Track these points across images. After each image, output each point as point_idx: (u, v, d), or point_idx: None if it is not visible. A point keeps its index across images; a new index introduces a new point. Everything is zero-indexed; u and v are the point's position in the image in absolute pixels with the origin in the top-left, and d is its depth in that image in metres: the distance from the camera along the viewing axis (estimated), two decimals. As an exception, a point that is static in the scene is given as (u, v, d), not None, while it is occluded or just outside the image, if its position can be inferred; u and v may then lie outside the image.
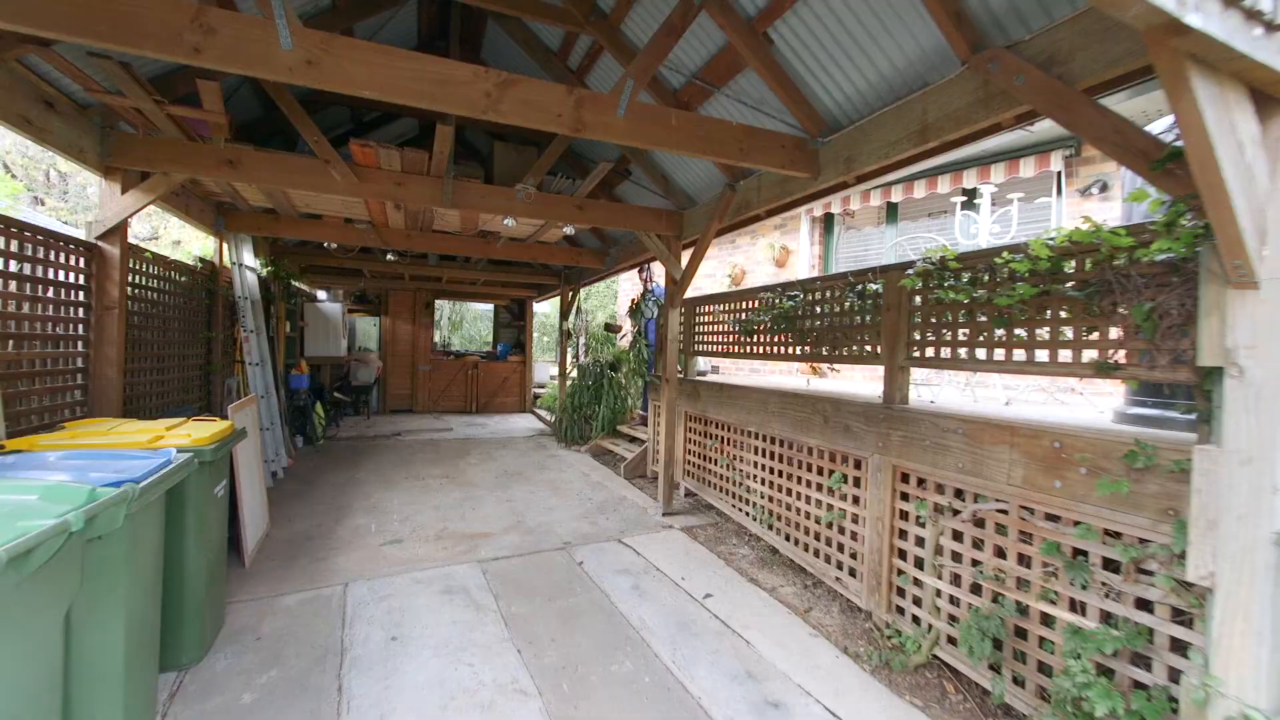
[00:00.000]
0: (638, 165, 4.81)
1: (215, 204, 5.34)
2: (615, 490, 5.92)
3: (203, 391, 5.34)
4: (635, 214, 4.83)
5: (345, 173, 3.85)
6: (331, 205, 5.20)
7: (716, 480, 5.01)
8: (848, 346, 3.53)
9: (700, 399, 5.22)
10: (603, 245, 7.12)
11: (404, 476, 6.21)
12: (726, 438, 4.82)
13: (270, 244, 7.28)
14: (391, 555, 4.03)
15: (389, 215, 5.37)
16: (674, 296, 4.96)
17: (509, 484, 6.04)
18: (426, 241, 6.23)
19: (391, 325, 10.86)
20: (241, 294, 5.52)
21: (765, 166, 3.18)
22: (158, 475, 2.08)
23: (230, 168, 3.66)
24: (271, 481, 5.61)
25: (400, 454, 7.36)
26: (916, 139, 2.68)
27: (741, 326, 4.53)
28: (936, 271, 2.87)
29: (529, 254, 6.79)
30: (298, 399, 7.49)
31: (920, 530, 2.91)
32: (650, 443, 6.40)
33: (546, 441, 8.54)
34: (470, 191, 4.28)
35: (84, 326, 3.44)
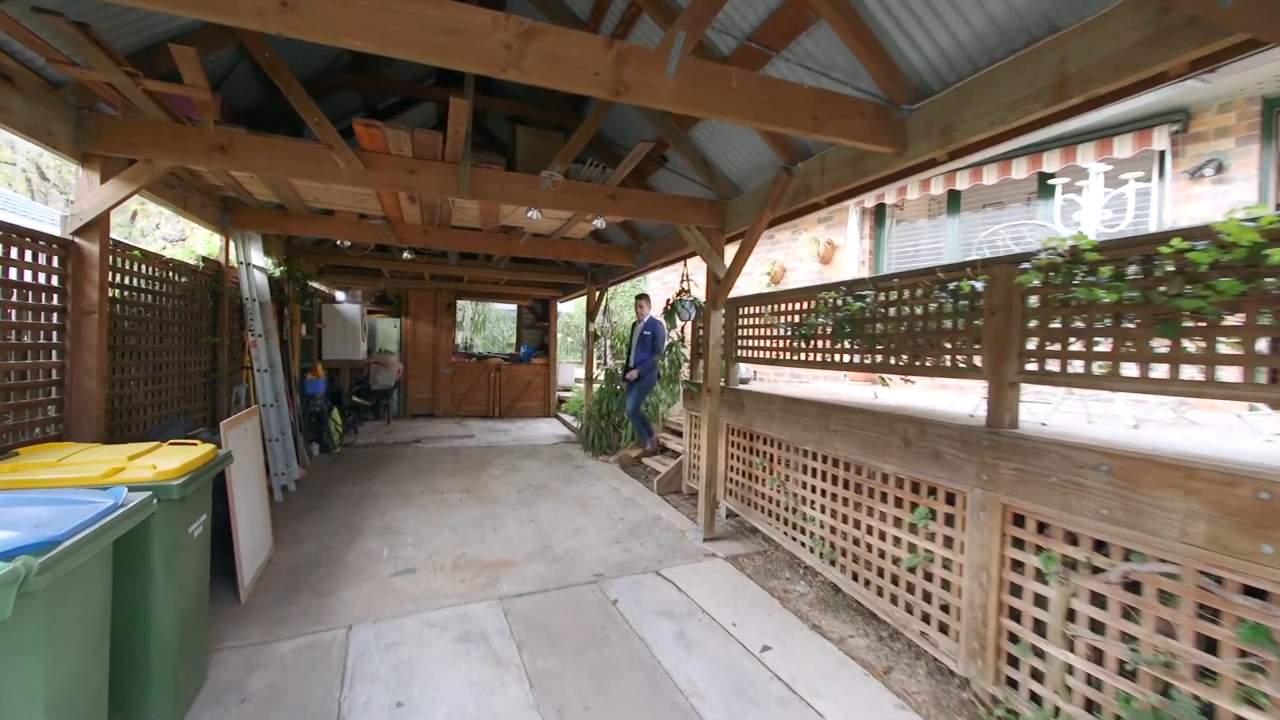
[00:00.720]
0: (676, 149, 4.28)
1: (220, 199, 4.98)
2: (648, 508, 5.41)
3: (208, 401, 4.99)
4: (673, 204, 4.31)
5: (350, 159, 3.40)
6: (341, 199, 4.79)
7: (764, 503, 4.46)
8: (933, 356, 2.95)
9: (744, 411, 4.68)
10: (633, 241, 6.61)
11: (421, 490, 5.79)
12: (776, 455, 4.27)
13: (285, 243, 6.95)
14: (403, 589, 3.58)
15: (404, 209, 4.94)
16: (716, 296, 4.43)
17: (533, 499, 5.58)
18: (445, 238, 5.79)
19: (412, 327, 10.52)
20: (249, 295, 5.15)
21: (842, 139, 2.62)
22: (91, 530, 1.64)
23: (221, 154, 3.24)
24: (281, 496, 5.24)
25: (419, 464, 6.96)
26: (1051, 96, 2.10)
27: (796, 331, 3.97)
28: (1065, 265, 2.30)
29: (554, 251, 6.31)
30: (313, 405, 7.15)
31: (1043, 588, 2.34)
32: (686, 456, 5.87)
33: (572, 450, 8.07)
34: (490, 180, 3.81)
35: (59, 334, 3.05)
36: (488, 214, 4.99)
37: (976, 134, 2.42)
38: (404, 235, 5.62)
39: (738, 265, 4.14)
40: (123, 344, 3.66)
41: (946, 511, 2.81)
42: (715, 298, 4.43)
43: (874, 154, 2.89)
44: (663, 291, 10.29)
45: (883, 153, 2.79)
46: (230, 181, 4.33)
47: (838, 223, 6.77)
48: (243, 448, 3.64)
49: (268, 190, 4.51)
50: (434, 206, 4.87)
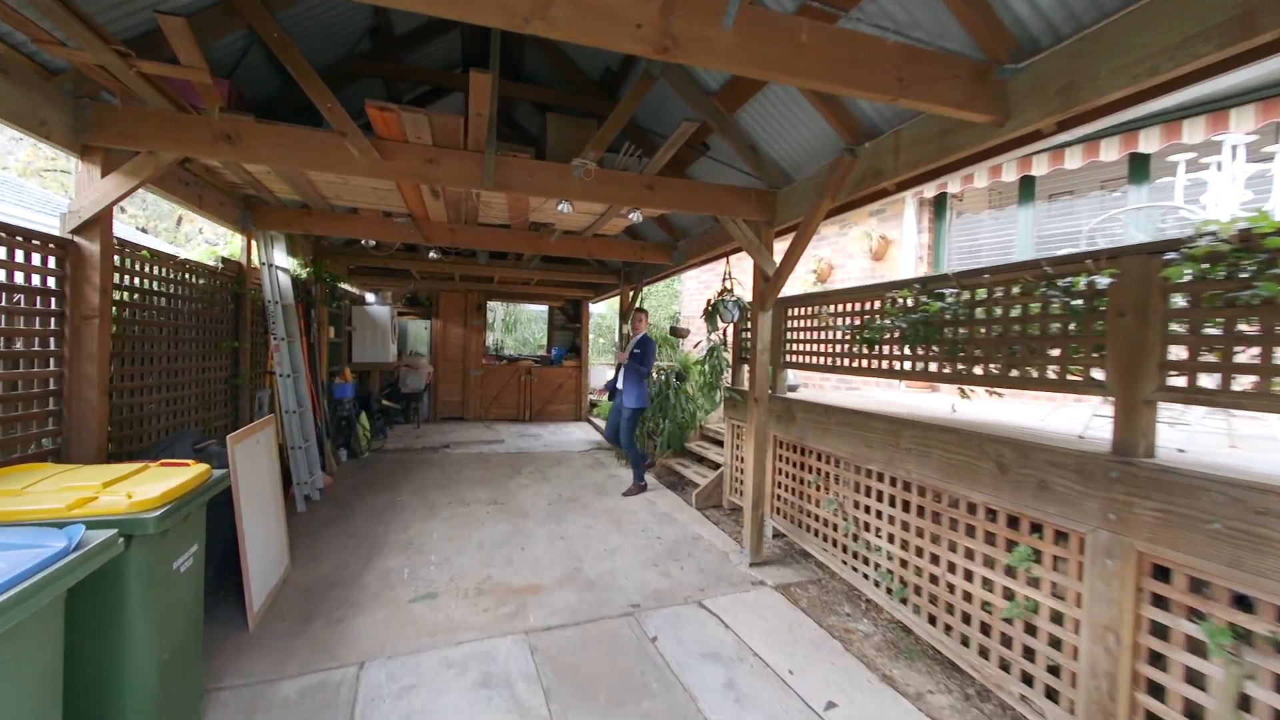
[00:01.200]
0: (720, 134, 3.87)
1: (242, 199, 4.79)
2: (687, 525, 5.01)
3: (229, 408, 4.81)
4: (717, 195, 3.90)
5: (365, 148, 3.11)
6: (364, 195, 4.54)
7: (818, 525, 4.01)
8: (1035, 366, 2.47)
9: (795, 422, 4.23)
10: (669, 238, 6.21)
11: (448, 501, 5.52)
12: (833, 474, 3.82)
13: (313, 243, 6.80)
14: (421, 618, 3.27)
15: (428, 205, 4.66)
16: (765, 296, 4.00)
17: (563, 513, 5.24)
18: (472, 236, 5.51)
19: (442, 328, 10.35)
20: (271, 298, 4.95)
21: (931, 105, 2.18)
22: (26, 585, 1.34)
23: (228, 144, 2.98)
24: (303, 506, 5.03)
25: (447, 471, 6.71)
26: (1228, 33, 1.62)
27: (857, 334, 3.52)
28: (1231, 254, 1.81)
29: (586, 249, 5.97)
30: (341, 410, 6.98)
31: (1201, 662, 1.85)
32: (728, 469, 5.45)
33: (605, 458, 7.73)
34: (517, 170, 3.47)
35: (57, 340, 2.84)
36: (516, 209, 4.67)
37: (1110, 92, 1.94)
38: (429, 234, 5.36)
39: (790, 261, 3.70)
40: (131, 350, 3.45)
41: (1056, 554, 2.33)
42: (764, 297, 4.00)
43: (965, 126, 2.43)
44: (698, 291, 9.87)
45: (978, 123, 2.32)
46: (248, 178, 4.11)
47: (892, 215, 6.24)
48: (254, 461, 3.40)
49: (287, 187, 4.29)
50: (459, 202, 4.57)
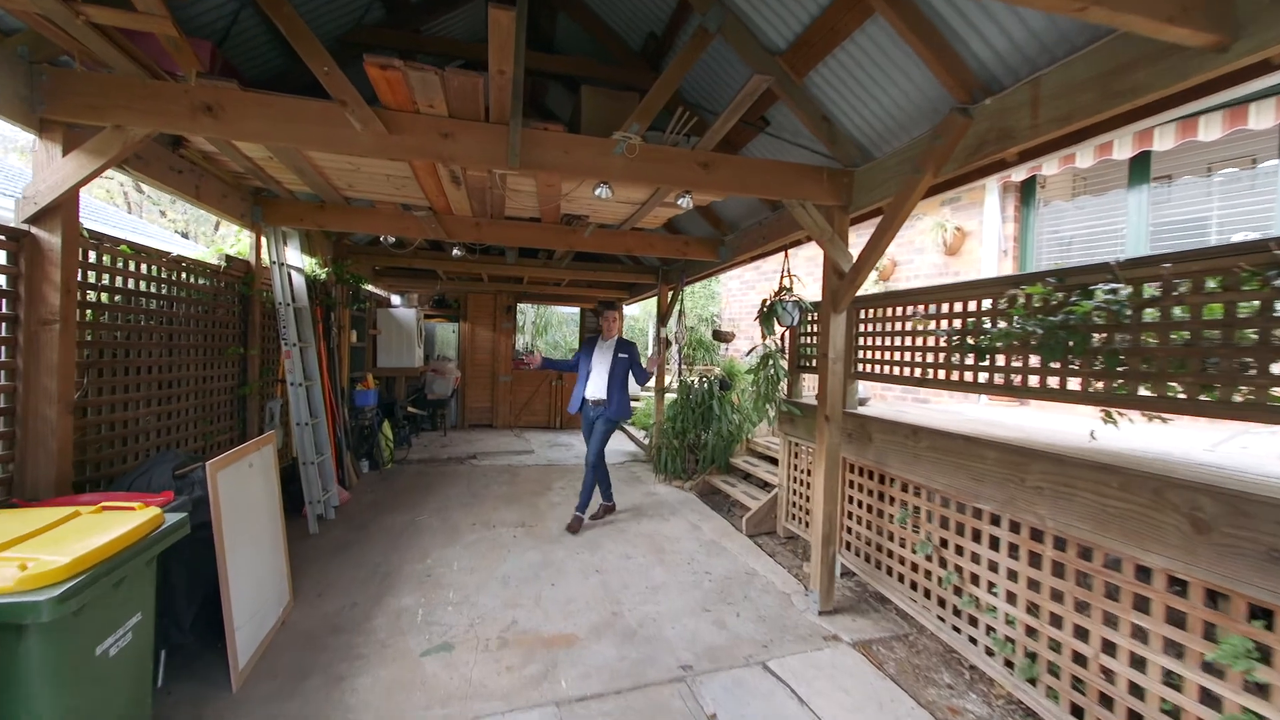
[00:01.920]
0: (787, 100, 3.25)
1: (252, 192, 4.39)
2: (738, 556, 4.39)
3: (236, 420, 4.40)
4: (783, 174, 3.28)
5: (368, 118, 2.61)
6: (378, 185, 4.08)
7: (902, 569, 3.36)
8: (1248, 385, 1.80)
9: (871, 444, 3.59)
10: (715, 232, 5.61)
11: (471, 522, 5.02)
12: (926, 510, 3.17)
13: (334, 242, 6.43)
14: (433, 679, 2.74)
15: (449, 196, 4.17)
16: (839, 295, 3.36)
17: (598, 539, 4.68)
18: (498, 232, 5.01)
19: (470, 331, 9.95)
20: (282, 299, 4.54)
21: (1130, 19, 1.54)
22: None
23: (209, 116, 2.52)
24: (315, 527, 4.59)
25: (472, 486, 6.23)
26: None
27: (961, 342, 2.86)
28: None
29: (623, 245, 5.41)
30: (363, 418, 6.59)
31: None
32: (783, 491, 4.81)
33: (641, 471, 7.15)
34: (548, 146, 2.92)
35: (8, 350, 2.41)
36: (547, 198, 4.14)
37: None
38: (452, 229, 4.88)
39: (873, 252, 3.06)
40: (112, 360, 3.03)
41: (1299, 654, 1.65)
42: (838, 296, 3.37)
43: (1149, 59, 1.77)
44: (740, 292, 9.22)
45: (1186, 47, 1.66)
46: (249, 165, 3.68)
47: (968, 204, 5.50)
48: (246, 488, 2.93)
49: (294, 176, 3.85)
50: (483, 191, 4.07)
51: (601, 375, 4.88)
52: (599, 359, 4.94)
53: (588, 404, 4.97)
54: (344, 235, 6.50)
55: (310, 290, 5.63)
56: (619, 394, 4.91)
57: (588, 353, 5.01)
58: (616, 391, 4.88)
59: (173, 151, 3.37)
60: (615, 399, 4.89)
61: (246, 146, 3.39)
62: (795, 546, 4.67)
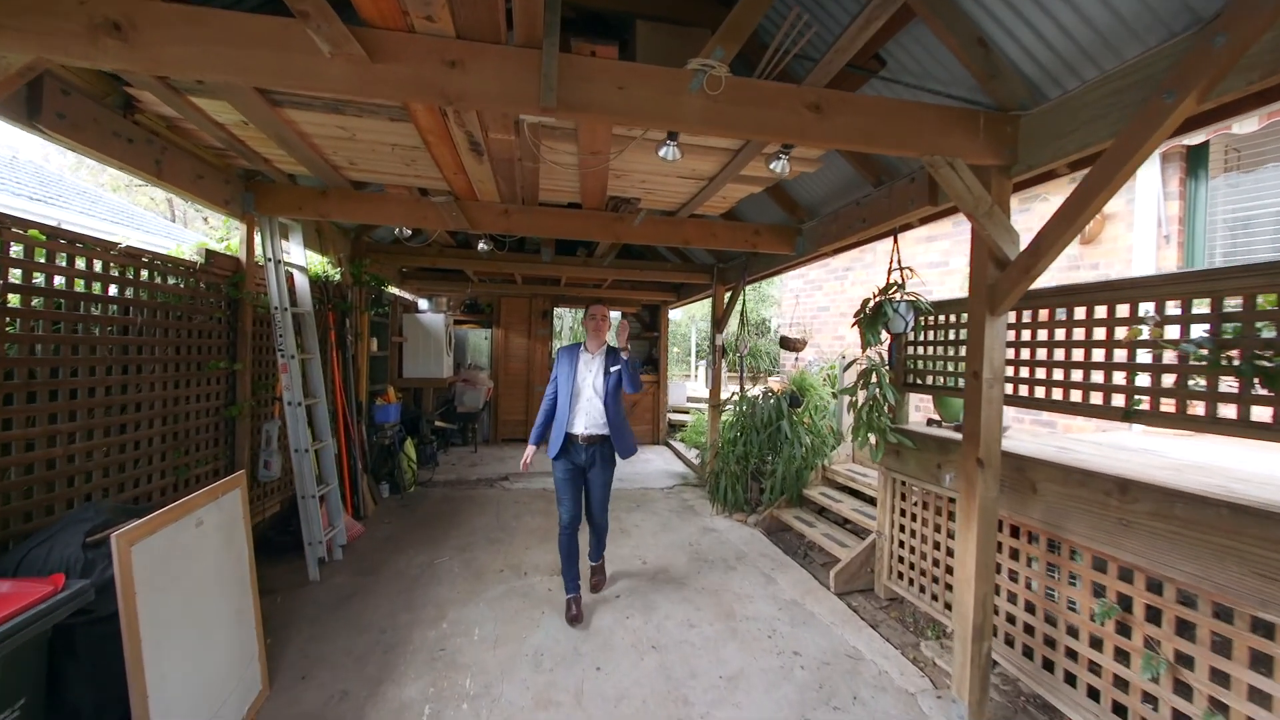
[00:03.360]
0: (926, 16, 2.31)
1: (242, 174, 3.70)
2: (832, 627, 3.43)
3: (222, 447, 3.69)
4: (924, 121, 2.33)
5: (340, 37, 1.80)
6: (382, 160, 3.31)
7: (1093, 678, 2.35)
8: None
9: (1037, 496, 2.60)
10: (790, 218, 4.66)
11: (499, 568, 4.20)
12: (1145, 605, 2.16)
13: (352, 239, 5.76)
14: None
15: (470, 172, 3.36)
16: (999, 291, 2.39)
17: (652, 597, 3.78)
18: (531, 221, 4.19)
19: (504, 338, 9.23)
20: (278, 303, 3.83)
21: None
22: None
23: (116, 39, 1.75)
24: (316, 573, 3.85)
25: (502, 516, 5.43)
26: None
27: (1221, 359, 1.87)
28: None
29: (680, 236, 4.51)
30: (383, 437, 5.89)
31: None
32: (884, 540, 3.82)
33: (694, 499, 6.22)
34: (596, 79, 2.05)
35: None
36: (591, 171, 3.29)
37: None
38: (477, 218, 4.09)
39: (1069, 226, 2.09)
40: (25, 383, 2.30)
41: None
42: (997, 293, 2.40)
43: None
44: (805, 294, 8.19)
45: None
46: (224, 135, 2.96)
47: (1110, 179, 4.40)
48: (187, 557, 2.15)
49: (279, 147, 3.11)
50: (510, 165, 3.24)
51: (594, 399, 3.43)
52: (586, 377, 3.46)
53: (575, 443, 3.43)
54: (363, 231, 5.82)
55: (323, 293, 4.95)
56: (621, 422, 3.52)
57: (567, 369, 3.48)
58: (618, 419, 3.49)
59: (123, 116, 2.66)
60: (618, 430, 3.48)
61: (212, 107, 2.65)
62: (902, 613, 3.67)
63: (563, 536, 3.51)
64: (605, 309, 3.54)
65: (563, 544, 3.51)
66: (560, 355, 3.57)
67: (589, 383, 3.46)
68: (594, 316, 3.49)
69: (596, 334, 3.50)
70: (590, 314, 3.50)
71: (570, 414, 3.43)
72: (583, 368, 3.48)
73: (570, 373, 3.46)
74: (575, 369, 3.47)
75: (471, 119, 2.53)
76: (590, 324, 3.50)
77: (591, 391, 3.45)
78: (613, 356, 3.52)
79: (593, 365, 3.49)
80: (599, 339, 3.52)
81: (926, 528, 3.45)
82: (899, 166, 3.37)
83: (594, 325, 3.48)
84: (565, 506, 3.51)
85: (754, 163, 3.11)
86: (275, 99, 2.51)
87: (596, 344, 3.53)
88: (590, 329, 3.51)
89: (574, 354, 3.53)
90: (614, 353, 3.54)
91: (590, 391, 3.45)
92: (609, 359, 3.50)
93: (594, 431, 3.44)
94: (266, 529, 4.41)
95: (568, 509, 3.51)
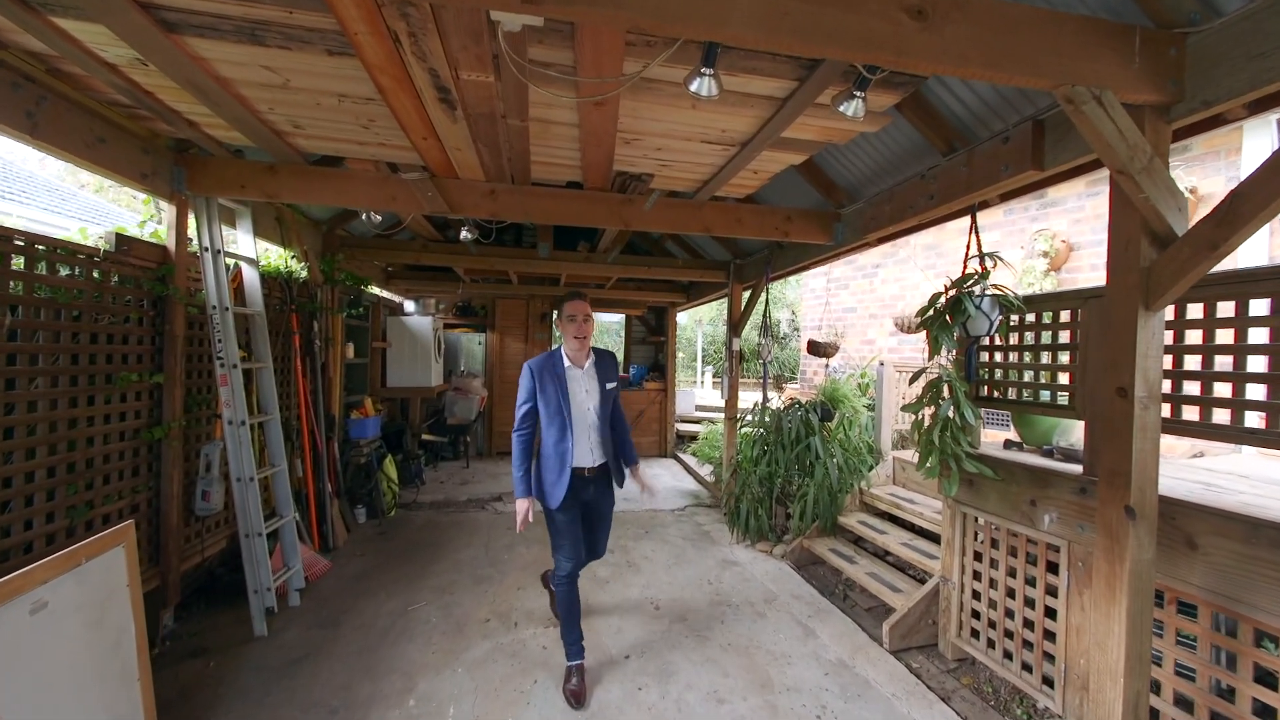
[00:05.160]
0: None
1: (172, 145, 3.05)
2: (894, 700, 2.73)
3: (145, 477, 3.02)
4: (1061, 36, 1.67)
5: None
6: (333, 119, 2.65)
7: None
8: None
9: (1197, 556, 1.92)
10: (826, 202, 3.99)
11: (485, 617, 3.53)
12: None
13: (326, 232, 5.11)
14: None
15: (443, 135, 2.69)
16: (1159, 278, 1.73)
17: (668, 656, 3.09)
18: (522, 203, 3.52)
19: (499, 343, 8.57)
20: (216, 303, 3.17)
21: None
22: None
23: None
24: (264, 626, 3.18)
25: (492, 548, 4.75)
26: None
27: None
28: None
29: (699, 222, 3.83)
30: (359, 454, 5.22)
31: None
32: (953, 588, 3.13)
33: (709, 523, 5.53)
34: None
35: None
36: (594, 135, 2.63)
37: None
38: (458, 199, 3.42)
39: None
40: None
41: None
42: (1155, 280, 1.73)
43: None
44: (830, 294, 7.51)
45: None
46: (123, 84, 2.30)
47: (1206, 155, 3.74)
48: (10, 664, 1.49)
49: (201, 105, 2.45)
50: (493, 124, 2.57)
51: (589, 423, 2.75)
52: (581, 399, 2.73)
53: (580, 476, 2.74)
54: (337, 223, 5.18)
55: (286, 292, 4.30)
56: (624, 440, 2.99)
57: (554, 392, 2.69)
58: (619, 443, 2.94)
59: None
60: (614, 457, 2.91)
61: (88, 34, 2.00)
62: (976, 678, 2.99)
63: (561, 589, 2.80)
64: (587, 305, 2.72)
65: (562, 598, 2.80)
66: (533, 373, 2.71)
67: (587, 406, 2.74)
68: (574, 317, 2.66)
69: (580, 340, 2.69)
70: (569, 313, 2.67)
71: (573, 448, 2.70)
72: (574, 386, 2.72)
73: (560, 396, 2.68)
74: (565, 390, 2.69)
75: (434, 48, 1.87)
76: (570, 327, 2.67)
77: (594, 417, 2.76)
78: (605, 367, 2.83)
79: (585, 383, 2.75)
80: (584, 346, 2.73)
81: (1014, 579, 2.77)
82: (976, 129, 2.71)
83: (575, 328, 2.66)
84: (566, 552, 2.77)
85: (802, 120, 2.45)
86: (166, 20, 1.86)
87: (582, 353, 2.75)
88: (570, 333, 2.68)
89: (554, 369, 2.71)
90: (603, 361, 2.85)
91: (593, 417, 2.76)
92: (601, 371, 2.80)
93: (594, 461, 2.79)
94: (215, 566, 3.75)
95: (569, 553, 2.77)
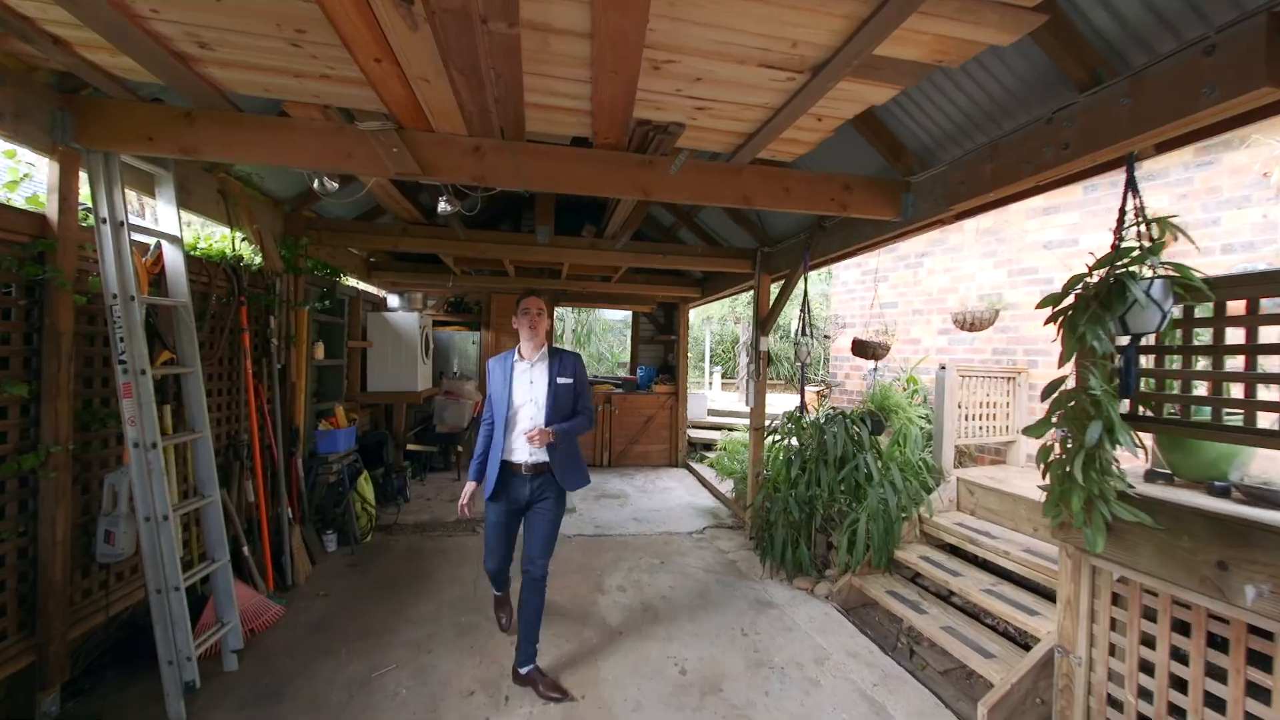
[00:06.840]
0: None
1: (53, 81, 2.31)
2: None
3: (12, 520, 2.29)
4: None
5: None
6: (248, 32, 1.91)
7: None
8: None
9: None
10: (890, 165, 3.25)
11: (468, 686, 2.79)
12: None
13: (289, 211, 4.37)
14: None
15: (402, 59, 1.95)
16: None
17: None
18: (515, 164, 2.77)
19: (495, 342, 7.84)
20: (117, 290, 2.44)
21: None
22: None
23: None
24: (181, 709, 2.45)
25: (480, 585, 3.97)
26: None
27: None
28: None
29: (736, 191, 3.06)
30: (327, 473, 4.48)
31: None
32: (1077, 663, 2.37)
33: (733, 550, 4.78)
34: None
35: None
36: (611, 55, 1.89)
37: None
38: (432, 158, 2.67)
39: None
40: None
41: None
42: None
43: None
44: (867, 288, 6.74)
45: None
46: None
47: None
48: None
49: (67, 14, 1.71)
50: (470, 34, 1.82)
51: (537, 417, 2.75)
52: (524, 389, 2.79)
53: (517, 475, 2.78)
54: (302, 202, 4.44)
55: (233, 280, 3.57)
56: (569, 445, 2.84)
57: (500, 382, 2.83)
58: (564, 442, 2.79)
59: None
60: (565, 456, 2.81)
61: None
62: (1115, 788, 2.25)
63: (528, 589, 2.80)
64: (542, 302, 2.86)
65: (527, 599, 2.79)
66: (490, 367, 2.90)
67: (529, 398, 2.78)
68: (527, 311, 2.80)
69: (531, 332, 2.79)
70: (523, 308, 2.82)
71: (507, 439, 2.78)
72: (519, 378, 2.81)
73: (504, 386, 2.80)
74: (510, 380, 2.80)
75: None
76: (523, 320, 2.80)
77: (534, 408, 2.77)
78: (560, 362, 2.84)
79: (531, 374, 2.81)
80: (535, 339, 2.80)
81: (1184, 664, 2.03)
82: (1130, 53, 1.96)
83: (528, 321, 2.79)
84: (488, 550, 2.97)
85: (912, 23, 1.71)
86: None
87: (532, 346, 2.82)
88: (524, 326, 2.80)
89: (505, 362, 2.86)
90: (562, 357, 2.87)
91: (532, 409, 2.77)
92: (555, 365, 2.82)
93: (540, 459, 2.77)
94: (137, 618, 3.02)
95: (490, 552, 2.97)
